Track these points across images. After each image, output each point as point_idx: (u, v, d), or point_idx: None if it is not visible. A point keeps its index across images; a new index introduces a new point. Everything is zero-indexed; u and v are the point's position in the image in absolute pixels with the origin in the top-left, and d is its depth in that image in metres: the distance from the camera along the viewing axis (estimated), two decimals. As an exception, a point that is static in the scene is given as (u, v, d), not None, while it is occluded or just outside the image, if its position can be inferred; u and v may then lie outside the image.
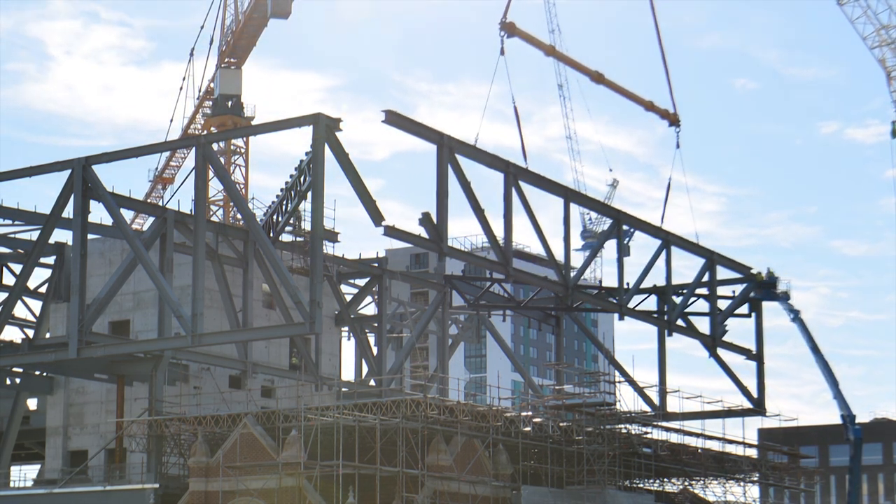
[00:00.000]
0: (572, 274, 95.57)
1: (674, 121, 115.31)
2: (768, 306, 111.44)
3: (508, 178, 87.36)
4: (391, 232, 79.45)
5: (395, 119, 79.13)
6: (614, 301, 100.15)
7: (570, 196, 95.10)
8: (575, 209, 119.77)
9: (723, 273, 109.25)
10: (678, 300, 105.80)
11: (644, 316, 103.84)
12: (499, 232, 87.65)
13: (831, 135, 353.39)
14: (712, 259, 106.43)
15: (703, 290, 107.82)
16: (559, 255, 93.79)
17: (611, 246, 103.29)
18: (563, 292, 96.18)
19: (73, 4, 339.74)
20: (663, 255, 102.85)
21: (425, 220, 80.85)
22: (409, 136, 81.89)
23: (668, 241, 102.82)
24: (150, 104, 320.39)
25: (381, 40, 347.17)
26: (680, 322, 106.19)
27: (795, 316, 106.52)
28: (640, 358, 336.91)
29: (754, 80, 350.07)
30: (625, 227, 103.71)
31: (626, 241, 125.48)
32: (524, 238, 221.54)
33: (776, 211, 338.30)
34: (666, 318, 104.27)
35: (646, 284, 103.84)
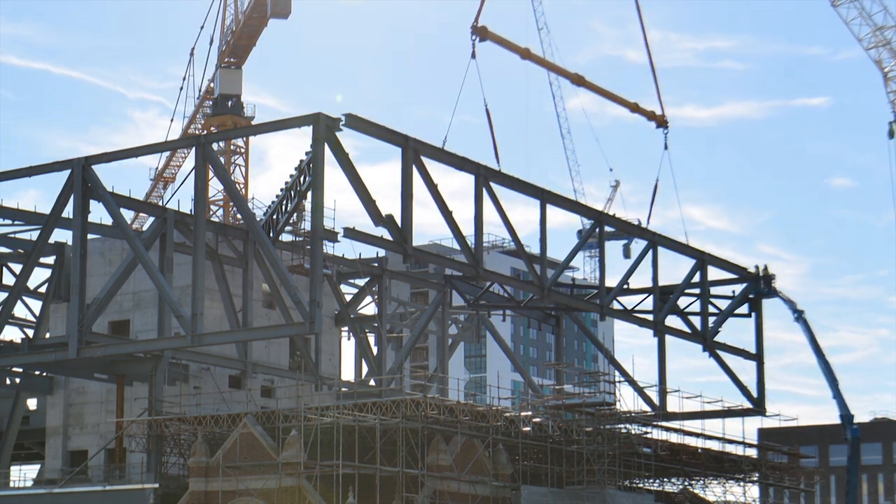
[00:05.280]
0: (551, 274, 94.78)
1: (661, 122, 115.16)
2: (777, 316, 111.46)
3: (479, 180, 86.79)
4: (350, 234, 78.27)
5: (356, 123, 78.03)
6: (598, 302, 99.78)
7: (546, 197, 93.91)
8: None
9: (723, 275, 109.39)
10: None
11: (626, 316, 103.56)
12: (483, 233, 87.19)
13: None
14: (702, 259, 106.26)
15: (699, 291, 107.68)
16: (557, 255, 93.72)
17: (615, 248, 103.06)
18: (539, 293, 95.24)
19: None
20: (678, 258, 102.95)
21: (389, 221, 79.19)
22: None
23: (654, 241, 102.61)
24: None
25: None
26: (678, 322, 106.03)
27: (799, 315, 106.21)
28: (640, 358, 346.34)
29: (853, 179, 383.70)
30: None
31: (628, 244, 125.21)
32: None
33: (850, 274, 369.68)
34: (653, 318, 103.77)
35: (646, 285, 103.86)
